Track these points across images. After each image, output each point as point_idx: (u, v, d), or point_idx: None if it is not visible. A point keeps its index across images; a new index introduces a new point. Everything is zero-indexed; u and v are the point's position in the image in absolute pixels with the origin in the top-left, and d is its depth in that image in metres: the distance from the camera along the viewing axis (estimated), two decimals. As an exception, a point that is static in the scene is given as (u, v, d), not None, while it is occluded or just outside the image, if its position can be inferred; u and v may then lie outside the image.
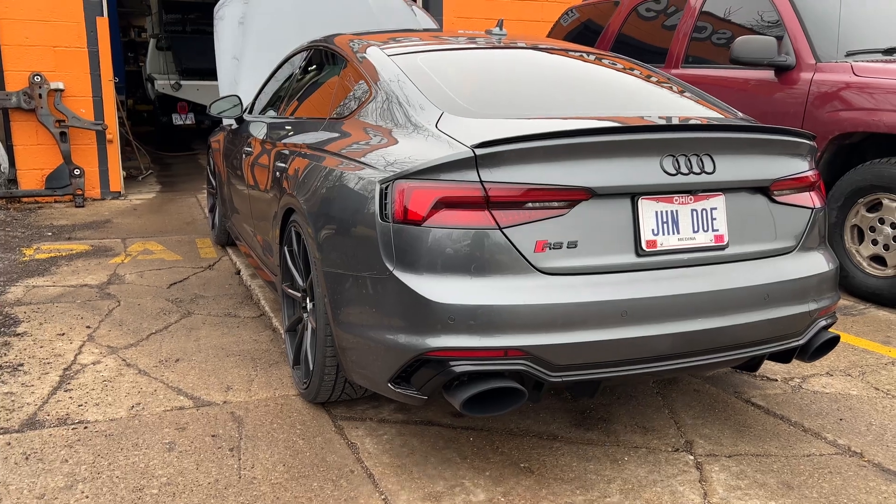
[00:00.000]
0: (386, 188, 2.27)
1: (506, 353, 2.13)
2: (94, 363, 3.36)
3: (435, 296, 2.13)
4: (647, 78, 3.02)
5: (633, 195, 2.25)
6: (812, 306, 2.49)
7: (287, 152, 3.18)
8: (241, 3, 5.71)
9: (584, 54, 3.22)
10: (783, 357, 2.53)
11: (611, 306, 2.17)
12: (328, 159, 2.69)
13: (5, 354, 3.42)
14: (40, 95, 6.94)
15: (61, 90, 7.06)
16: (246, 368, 3.34)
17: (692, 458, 2.55)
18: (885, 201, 4.19)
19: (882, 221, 4.23)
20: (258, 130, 4.10)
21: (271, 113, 4.38)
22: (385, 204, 2.26)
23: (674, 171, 2.25)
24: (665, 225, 2.28)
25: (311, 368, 2.76)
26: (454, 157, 2.15)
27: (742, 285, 2.32)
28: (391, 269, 2.22)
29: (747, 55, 4.72)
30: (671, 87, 2.97)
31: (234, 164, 4.54)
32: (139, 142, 9.82)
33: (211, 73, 11.62)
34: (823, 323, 2.56)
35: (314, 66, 3.87)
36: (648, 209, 2.27)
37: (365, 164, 2.43)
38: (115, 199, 7.56)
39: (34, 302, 4.24)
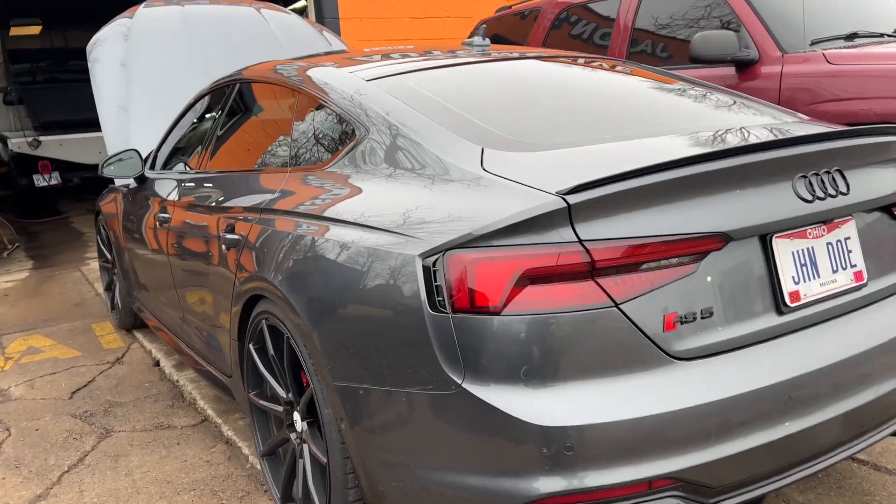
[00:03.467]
0: (434, 264, 1.57)
1: (650, 485, 1.48)
2: (-11, 539, 2.42)
3: (538, 416, 1.46)
4: (690, 86, 2.45)
5: (763, 235, 1.68)
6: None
7: (240, 219, 2.40)
8: (120, 41, 4.78)
9: (599, 62, 2.64)
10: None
11: (774, 393, 1.57)
12: (319, 227, 1.95)
13: None
14: None
15: None
16: (209, 510, 2.50)
17: (840, 555, 1.99)
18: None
19: (882, 216, 3.94)
20: (174, 191, 3.25)
21: (181, 168, 3.54)
22: (436, 287, 1.56)
23: (810, 197, 1.70)
24: (804, 268, 1.72)
25: (325, 517, 1.99)
26: (539, 210, 1.49)
27: (898, 332, 1.80)
28: (458, 380, 1.53)
29: (708, 52, 4.37)
30: (723, 95, 2.42)
31: (141, 232, 3.64)
32: (-3, 211, 8.45)
33: (74, 126, 10.38)
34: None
35: (242, 107, 3.09)
36: (785, 250, 1.70)
37: (386, 230, 1.72)
38: (-22, 285, 6.30)
39: None
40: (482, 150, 1.76)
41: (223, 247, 2.46)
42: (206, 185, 2.95)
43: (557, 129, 1.95)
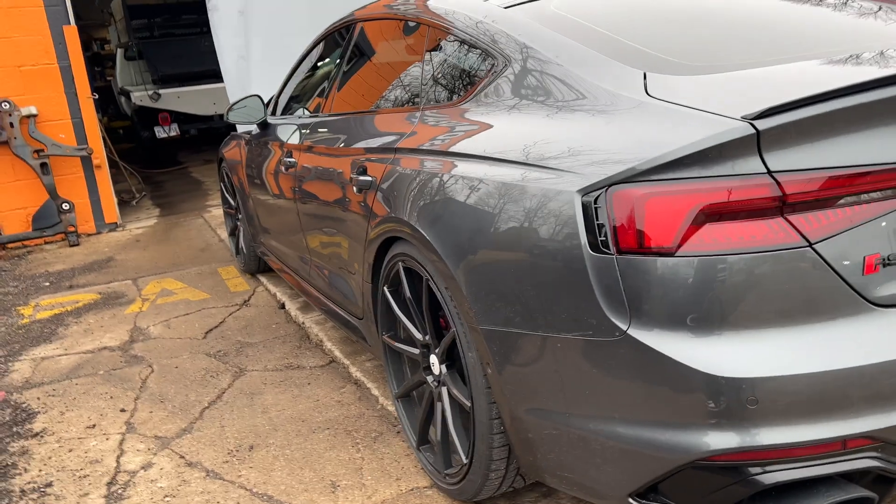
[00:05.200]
0: (595, 201, 1.45)
1: (844, 444, 1.33)
2: (144, 468, 2.55)
3: (718, 366, 1.33)
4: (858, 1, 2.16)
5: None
6: None
7: (372, 160, 2.35)
8: (237, -11, 4.81)
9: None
10: None
11: None
12: (460, 165, 1.86)
13: (26, 469, 2.60)
14: (11, 125, 6.01)
15: (34, 115, 6.13)
16: (345, 449, 2.53)
17: None
18: None
19: None
20: (299, 135, 3.25)
21: (303, 112, 3.53)
22: (598, 226, 1.44)
23: None
24: None
25: (468, 461, 1.95)
26: (724, 138, 1.33)
27: None
28: (622, 327, 1.41)
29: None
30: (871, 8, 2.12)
31: (266, 177, 3.69)
32: (124, 162, 8.89)
33: (190, 78, 10.75)
34: None
35: (362, 48, 3.02)
36: None
37: (537, 165, 1.61)
38: (113, 231, 6.68)
39: (47, 381, 3.40)
40: (644, 74, 1.60)
41: (354, 189, 2.42)
42: (332, 128, 2.92)
43: (720, 49, 1.75)
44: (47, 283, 5.14)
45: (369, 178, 2.30)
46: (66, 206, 6.25)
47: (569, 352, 1.53)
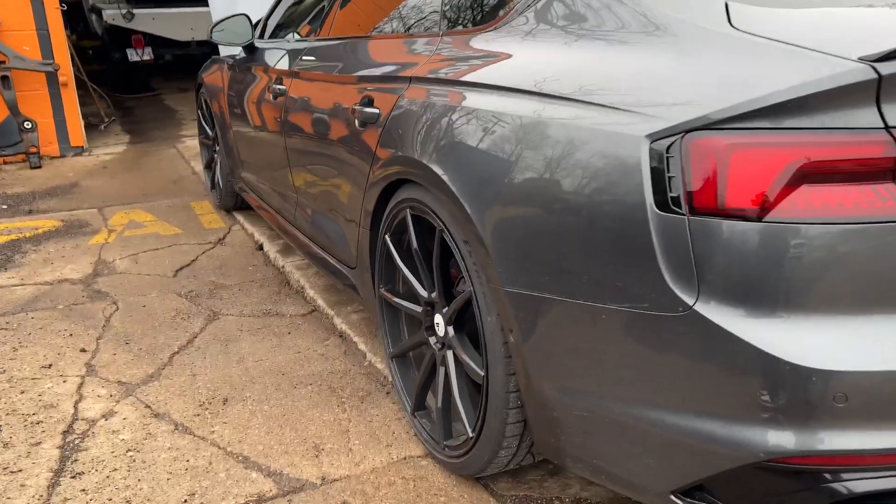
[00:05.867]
0: (668, 150, 1.21)
1: (940, 452, 1.14)
2: (105, 416, 2.31)
3: (802, 356, 1.12)
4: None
5: None
6: None
7: (381, 90, 2.06)
8: None
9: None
10: None
11: None
12: (492, 99, 1.59)
13: (-30, 411, 2.34)
14: (-30, 31, 5.53)
15: (-4, 24, 5.66)
16: (329, 409, 2.32)
17: None
18: None
19: None
20: (292, 61, 2.94)
21: (297, 36, 3.21)
22: (669, 180, 1.21)
23: None
24: None
25: (475, 435, 1.74)
26: (837, 81, 1.09)
27: None
28: (688, 301, 1.19)
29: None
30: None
31: (251, 107, 3.38)
32: (93, 83, 8.37)
33: (167, 0, 10.14)
34: None
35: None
36: None
37: (593, 103, 1.36)
38: (78, 155, 6.27)
39: (0, 313, 3.11)
40: (725, 3, 1.35)
41: (356, 122, 2.14)
42: (332, 53, 2.62)
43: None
44: (4, 206, 4.78)
45: (375, 111, 2.03)
46: (28, 125, 5.82)
47: (615, 325, 1.31)
